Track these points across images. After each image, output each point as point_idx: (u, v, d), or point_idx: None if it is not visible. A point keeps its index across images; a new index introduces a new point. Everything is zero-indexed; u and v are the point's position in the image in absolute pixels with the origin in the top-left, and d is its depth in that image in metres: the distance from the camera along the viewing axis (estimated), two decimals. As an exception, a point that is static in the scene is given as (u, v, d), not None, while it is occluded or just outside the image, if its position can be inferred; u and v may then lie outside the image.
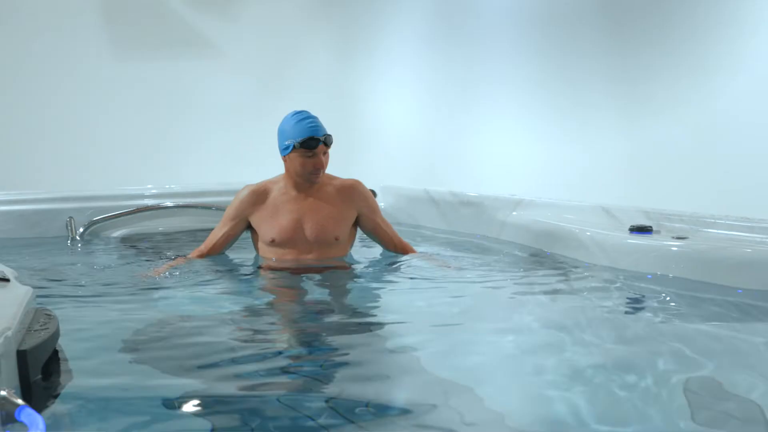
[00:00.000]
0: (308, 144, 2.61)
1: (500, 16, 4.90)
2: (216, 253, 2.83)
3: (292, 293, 2.46)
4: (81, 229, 3.61)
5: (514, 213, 3.36)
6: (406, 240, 2.96)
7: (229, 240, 2.83)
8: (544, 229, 3.07)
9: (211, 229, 3.72)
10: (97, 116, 5.05)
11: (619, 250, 2.64)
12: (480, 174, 4.84)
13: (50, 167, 4.89)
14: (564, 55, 4.47)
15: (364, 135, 5.30)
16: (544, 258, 2.97)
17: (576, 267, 2.76)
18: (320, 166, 2.65)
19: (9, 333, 1.31)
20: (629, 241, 2.64)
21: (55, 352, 1.53)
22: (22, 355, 1.34)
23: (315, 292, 2.43)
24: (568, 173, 4.33)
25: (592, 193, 4.03)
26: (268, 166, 5.01)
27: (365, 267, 2.83)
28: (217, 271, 2.71)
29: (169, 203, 3.85)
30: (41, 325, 1.51)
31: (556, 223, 3.02)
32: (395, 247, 2.89)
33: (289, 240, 2.69)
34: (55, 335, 1.51)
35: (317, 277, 2.59)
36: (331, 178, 2.82)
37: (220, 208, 3.85)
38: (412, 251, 2.91)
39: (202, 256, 2.81)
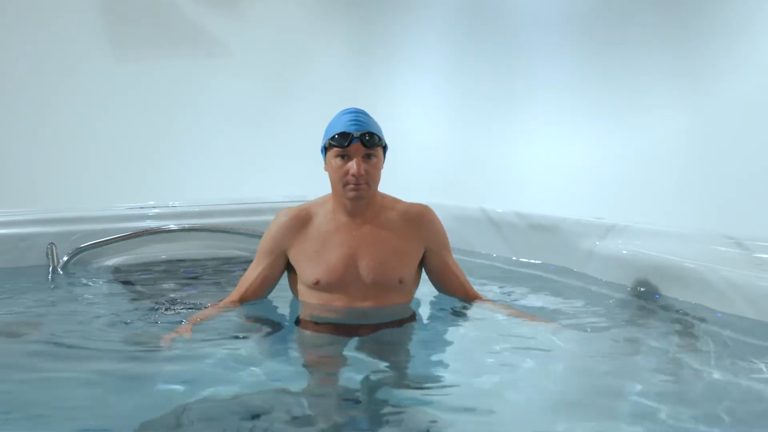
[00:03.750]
0: (339, 140, 1.96)
1: (538, 14, 4.41)
2: (252, 299, 2.15)
3: (339, 361, 1.79)
4: (65, 258, 2.96)
5: (598, 243, 2.71)
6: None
7: (267, 282, 2.15)
8: (650, 264, 2.41)
9: (224, 257, 3.16)
10: (96, 120, 4.72)
11: (769, 298, 2.00)
12: (527, 189, 4.31)
13: (45, 174, 4.52)
14: (617, 54, 4.02)
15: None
16: (653, 303, 2.32)
17: (702, 319, 2.13)
18: (356, 173, 1.96)
19: None
20: (785, 286, 2.00)
21: None
22: None
23: (370, 360, 1.78)
24: (622, 180, 3.82)
25: (651, 202, 3.53)
26: (276, 172, 4.62)
27: (436, 320, 2.15)
28: (241, 324, 2.07)
29: (172, 226, 3.21)
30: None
31: (670, 257, 2.36)
32: (467, 297, 2.21)
33: (339, 282, 2.02)
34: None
35: (375, 335, 1.94)
36: (396, 201, 2.15)
37: (233, 232, 3.26)
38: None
39: (234, 305, 2.14)
